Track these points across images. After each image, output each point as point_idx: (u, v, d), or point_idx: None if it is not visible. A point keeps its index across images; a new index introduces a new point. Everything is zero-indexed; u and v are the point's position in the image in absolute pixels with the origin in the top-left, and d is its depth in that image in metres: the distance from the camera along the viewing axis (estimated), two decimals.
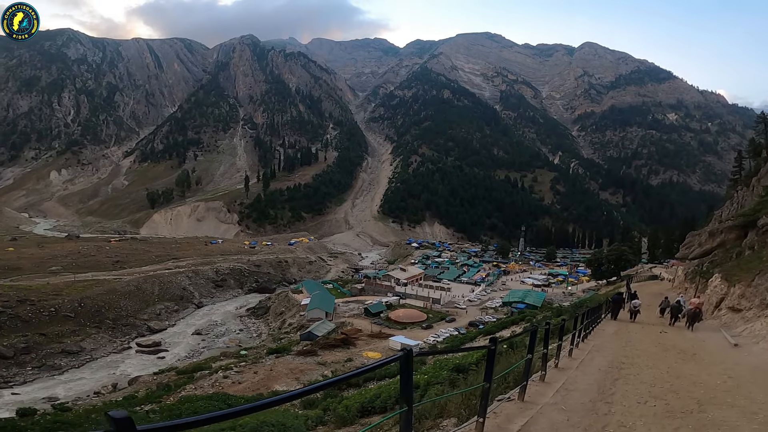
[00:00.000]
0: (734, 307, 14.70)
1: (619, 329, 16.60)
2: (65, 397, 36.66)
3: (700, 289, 21.55)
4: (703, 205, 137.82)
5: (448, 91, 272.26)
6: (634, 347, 12.10)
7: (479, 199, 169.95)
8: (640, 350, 11.63)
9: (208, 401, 23.40)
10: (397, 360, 2.91)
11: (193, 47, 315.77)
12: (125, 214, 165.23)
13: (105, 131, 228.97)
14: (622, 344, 12.68)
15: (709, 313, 17.49)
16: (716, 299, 17.49)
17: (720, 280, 17.67)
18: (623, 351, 11.38)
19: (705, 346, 12.03)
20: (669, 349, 11.65)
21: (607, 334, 15.37)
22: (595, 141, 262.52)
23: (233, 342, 55.62)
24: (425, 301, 64.91)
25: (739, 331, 12.88)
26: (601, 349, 11.73)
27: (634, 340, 13.65)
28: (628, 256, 69.47)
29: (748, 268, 16.04)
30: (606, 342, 13.23)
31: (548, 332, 7.86)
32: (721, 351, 11.31)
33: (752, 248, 19.21)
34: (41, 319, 50.85)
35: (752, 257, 17.73)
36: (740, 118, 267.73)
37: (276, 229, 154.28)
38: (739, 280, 15.24)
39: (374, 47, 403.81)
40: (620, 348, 11.96)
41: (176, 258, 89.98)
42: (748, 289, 13.66)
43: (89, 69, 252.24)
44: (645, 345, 12.62)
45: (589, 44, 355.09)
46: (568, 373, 8.47)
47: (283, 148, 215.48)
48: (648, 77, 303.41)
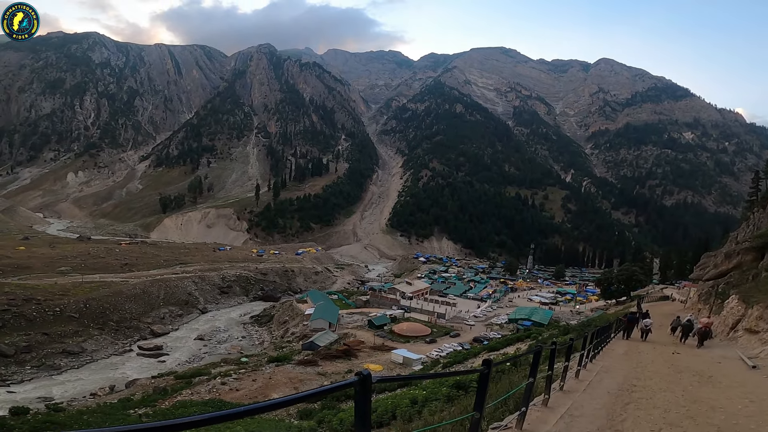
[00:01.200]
0: (751, 328, 14.21)
1: (630, 349, 16.03)
2: (61, 398, 36.51)
3: (715, 310, 20.88)
4: (718, 227, 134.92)
5: (460, 106, 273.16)
6: (646, 368, 11.59)
7: (489, 215, 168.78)
8: (652, 371, 11.08)
9: (203, 407, 23.00)
10: (351, 385, 2.31)
11: (212, 54, 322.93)
12: (137, 217, 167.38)
13: (123, 135, 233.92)
14: (633, 365, 12.18)
15: (724, 335, 17.04)
16: (732, 320, 17.01)
17: (737, 301, 17.16)
18: (634, 372, 10.88)
19: (721, 368, 11.45)
20: (683, 371, 11.10)
21: (617, 354, 14.83)
22: (609, 159, 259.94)
23: (235, 349, 55.22)
24: (430, 315, 63.95)
25: (757, 353, 12.33)
26: (610, 370, 11.23)
27: (646, 360, 13.12)
28: (639, 276, 67.95)
29: (766, 289, 15.56)
30: (616, 363, 12.70)
31: (554, 352, 7.33)
32: (739, 373, 10.75)
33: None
34: (45, 319, 50.94)
35: None
36: (758, 138, 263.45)
37: (284, 238, 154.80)
38: (757, 302, 14.71)
39: (388, 59, 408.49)
40: (631, 369, 11.43)
41: (184, 263, 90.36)
42: (766, 311, 13.20)
43: (112, 73, 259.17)
44: (657, 366, 12.10)
45: (605, 60, 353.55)
46: (575, 396, 7.96)
47: (294, 158, 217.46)
48: (665, 94, 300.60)
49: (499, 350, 31.57)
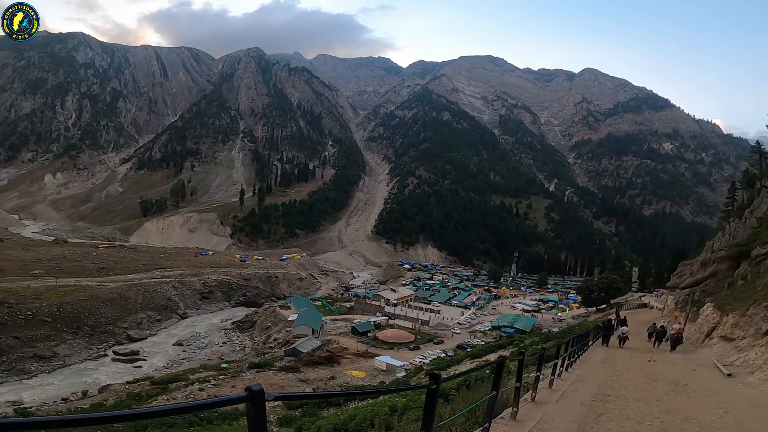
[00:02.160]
0: (727, 336, 14.27)
1: (607, 357, 15.99)
2: (30, 402, 35.76)
3: (691, 317, 21.11)
4: (695, 236, 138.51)
5: (447, 113, 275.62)
6: (621, 377, 11.46)
7: (474, 223, 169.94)
8: (628, 380, 10.95)
9: None
10: (241, 400, 1.93)
11: (200, 57, 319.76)
12: (117, 221, 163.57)
13: (104, 137, 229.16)
14: (609, 374, 12.04)
15: (699, 342, 17.12)
16: (708, 328, 17.13)
17: (712, 309, 17.31)
18: (609, 381, 10.68)
19: (696, 377, 11.35)
20: (658, 380, 10.99)
21: (594, 362, 14.77)
22: (591, 169, 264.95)
23: (215, 354, 54.32)
24: (414, 322, 63.88)
25: (732, 360, 12.33)
26: (585, 379, 11.05)
27: (622, 369, 13.07)
28: (618, 284, 69.13)
29: (741, 297, 15.65)
30: (592, 371, 12.59)
31: (522, 363, 6.90)
32: (714, 381, 10.61)
33: (745, 278, 18.84)
34: (17, 323, 49.68)
35: (745, 287, 17.34)
36: (734, 149, 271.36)
37: (269, 244, 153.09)
38: (732, 309, 14.81)
39: (378, 66, 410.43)
40: (606, 378, 11.27)
41: (164, 267, 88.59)
42: (742, 319, 13.20)
43: (96, 74, 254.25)
44: (633, 374, 12.00)
45: (590, 70, 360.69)
46: (546, 408, 7.66)
47: (280, 163, 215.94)
48: (645, 105, 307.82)
49: (482, 357, 31.60)
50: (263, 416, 2.04)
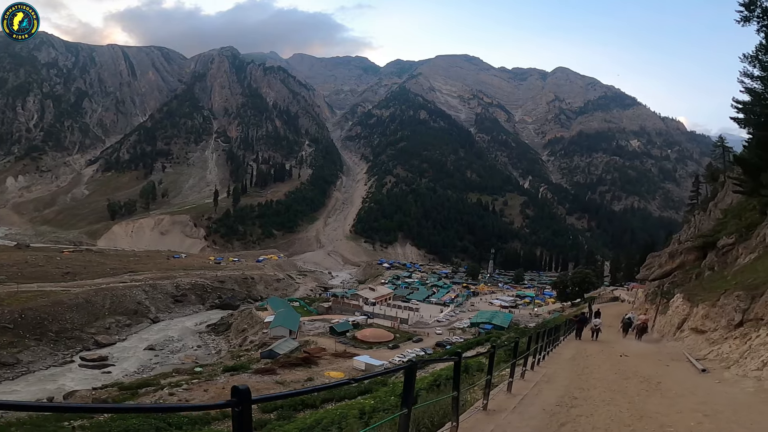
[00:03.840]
0: (697, 328, 13.93)
1: (578, 352, 15.50)
2: None
3: (661, 309, 21.26)
4: (662, 230, 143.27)
5: (425, 112, 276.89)
6: (591, 375, 10.84)
7: (451, 221, 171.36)
8: (598, 378, 10.30)
9: (144, 419, 21.54)
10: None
11: (171, 56, 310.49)
12: (83, 224, 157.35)
13: (69, 138, 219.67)
14: (578, 372, 11.38)
15: (671, 335, 16.87)
16: (678, 320, 16.81)
17: (682, 300, 17.12)
18: (578, 381, 9.95)
19: (670, 373, 10.77)
20: (630, 377, 10.32)
21: (564, 359, 14.22)
22: (564, 166, 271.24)
23: (189, 358, 52.94)
24: (393, 321, 63.71)
25: (705, 354, 11.95)
26: (552, 378, 10.23)
27: (592, 365, 12.54)
28: (591, 278, 70.88)
29: (711, 287, 15.45)
30: (560, 369, 11.85)
31: (458, 369, 5.58)
32: (689, 378, 9.98)
33: (712, 269, 19.33)
34: None
35: (715, 277, 17.45)
36: (698, 146, 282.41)
37: (245, 245, 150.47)
38: (702, 300, 14.58)
39: (355, 65, 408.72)
40: (575, 377, 10.56)
41: (133, 271, 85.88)
42: (712, 309, 12.89)
43: (59, 73, 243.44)
44: (603, 372, 11.38)
45: (561, 69, 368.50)
46: (499, 418, 6.59)
47: (256, 163, 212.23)
48: (614, 103, 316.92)
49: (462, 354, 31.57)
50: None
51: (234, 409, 2.01)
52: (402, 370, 4.25)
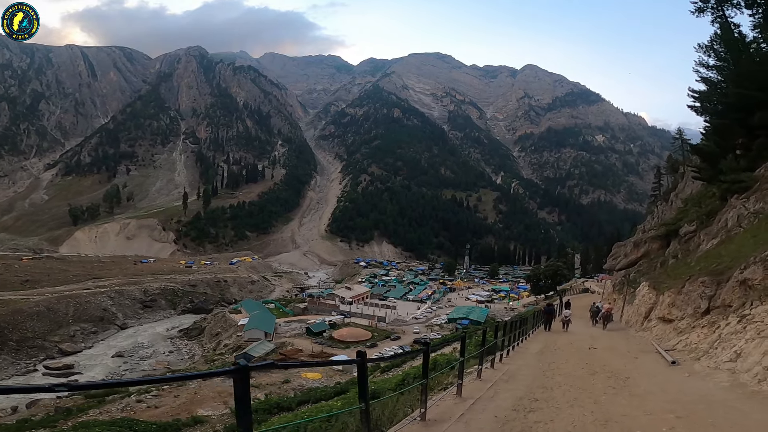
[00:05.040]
0: (664, 317, 13.58)
1: (546, 346, 14.94)
2: None
3: (629, 299, 21.49)
4: (627, 222, 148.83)
5: (398, 111, 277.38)
6: (557, 371, 10.15)
7: (427, 218, 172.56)
8: (563, 374, 9.65)
9: (110, 427, 20.60)
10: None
11: (134, 56, 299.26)
12: (43, 231, 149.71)
13: (25, 141, 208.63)
14: (543, 367, 10.66)
15: (639, 325, 16.77)
16: (645, 309, 16.50)
17: (648, 288, 16.89)
18: (542, 378, 9.20)
19: (639, 366, 10.29)
20: (597, 372, 9.70)
21: (531, 353, 13.52)
22: (534, 161, 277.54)
23: (161, 364, 51.29)
24: (370, 319, 63.42)
25: (673, 344, 11.58)
26: (513, 376, 9.38)
27: (559, 360, 11.94)
28: (563, 271, 72.23)
29: (675, 274, 15.26)
30: (525, 365, 11.07)
31: (362, 370, 4.43)
32: (659, 372, 9.44)
33: (676, 256, 19.94)
34: None
35: (679, 264, 17.69)
36: (659, 140, 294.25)
37: (217, 248, 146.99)
38: (668, 288, 14.32)
39: (328, 64, 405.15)
40: (540, 374, 9.81)
41: (98, 277, 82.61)
42: (678, 297, 12.73)
43: (13, 75, 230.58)
44: (570, 367, 10.74)
45: (530, 66, 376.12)
46: (439, 429, 5.70)
47: (227, 165, 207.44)
48: (580, 99, 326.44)
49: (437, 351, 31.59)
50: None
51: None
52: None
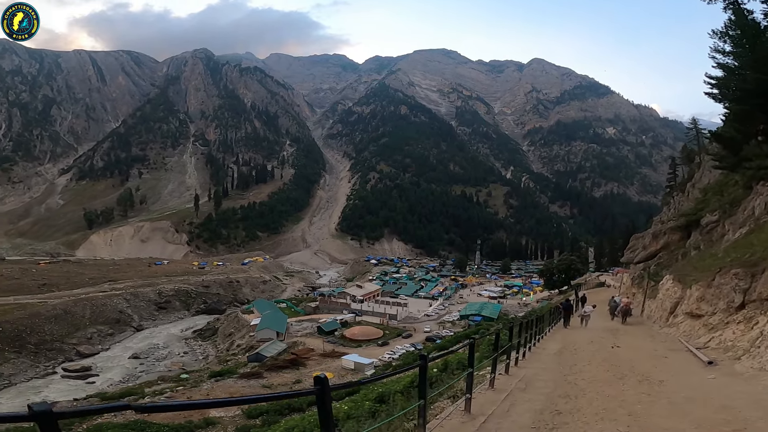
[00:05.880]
0: (693, 312, 12.71)
1: (565, 346, 13.85)
2: None
3: (650, 293, 20.64)
4: (642, 214, 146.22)
5: (405, 107, 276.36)
6: (580, 374, 9.15)
7: (437, 214, 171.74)
8: (588, 379, 8.63)
9: (123, 430, 20.62)
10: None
11: (141, 60, 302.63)
12: (59, 235, 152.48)
13: (39, 147, 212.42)
14: (563, 372, 9.53)
15: (663, 320, 15.95)
16: (670, 304, 15.52)
17: (672, 282, 15.98)
18: (564, 385, 8.21)
19: (670, 367, 9.30)
20: (626, 375, 8.68)
21: (549, 354, 12.27)
22: (544, 155, 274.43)
23: (176, 365, 51.76)
24: (382, 317, 63.17)
25: (704, 342, 10.78)
26: (531, 383, 8.30)
27: (582, 361, 10.82)
28: (577, 265, 71.40)
29: (703, 267, 14.39)
30: (543, 369, 9.90)
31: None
32: (695, 374, 8.42)
33: (698, 248, 19.22)
34: None
35: (704, 255, 16.89)
36: (671, 131, 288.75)
37: (229, 249, 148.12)
38: (695, 281, 13.32)
39: (333, 63, 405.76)
40: (561, 378, 8.79)
41: (113, 280, 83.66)
42: (708, 291, 11.83)
43: (24, 81, 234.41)
44: (594, 369, 9.70)
45: (537, 60, 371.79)
46: None
47: (236, 166, 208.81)
48: (589, 92, 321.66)
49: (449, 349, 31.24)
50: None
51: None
52: None
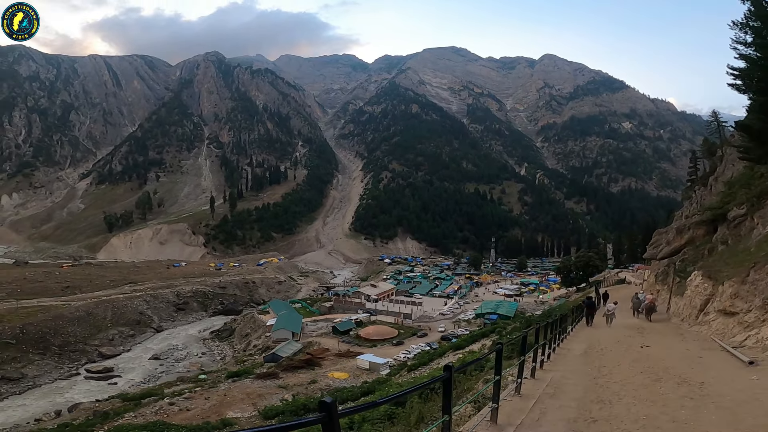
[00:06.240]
0: (725, 309, 12.14)
1: (591, 345, 13.21)
2: (2, 424, 34.98)
3: (676, 290, 19.92)
4: (662, 209, 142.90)
5: (416, 106, 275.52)
6: (611, 377, 8.56)
7: (450, 212, 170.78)
8: (621, 382, 8.04)
9: (142, 430, 20.86)
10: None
11: (155, 64, 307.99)
12: (81, 238, 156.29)
13: (59, 152, 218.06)
14: (593, 374, 8.99)
15: (693, 318, 15.33)
16: (701, 301, 14.91)
17: (702, 278, 15.36)
18: (595, 389, 7.67)
19: (708, 367, 8.66)
20: (662, 377, 8.12)
21: (574, 356, 11.62)
22: (558, 151, 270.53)
23: (194, 366, 52.62)
24: (396, 316, 63.08)
25: (740, 340, 10.20)
26: (560, 387, 7.81)
27: (610, 362, 10.14)
28: (595, 262, 70.16)
29: (735, 262, 13.84)
30: (570, 372, 9.29)
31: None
32: (737, 374, 7.91)
33: (725, 242, 18.54)
34: None
35: (734, 250, 16.30)
36: (690, 125, 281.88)
37: (245, 250, 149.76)
38: (728, 277, 12.74)
39: (343, 63, 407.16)
40: (590, 382, 8.25)
41: (133, 282, 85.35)
42: (742, 287, 11.25)
43: (42, 87, 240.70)
44: (625, 371, 9.12)
45: (549, 56, 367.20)
46: None
47: (250, 167, 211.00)
48: (603, 87, 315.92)
49: (465, 348, 30.93)
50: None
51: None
52: None
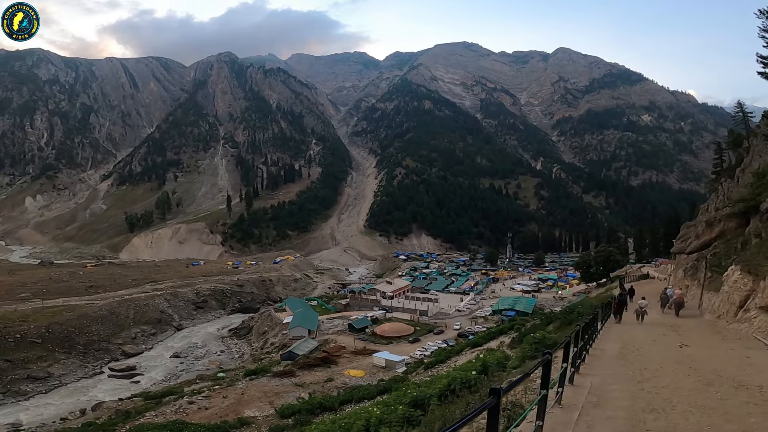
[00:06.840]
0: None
1: (625, 344, 12.33)
2: (29, 423, 35.58)
3: (709, 285, 19.01)
4: (684, 203, 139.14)
5: (429, 102, 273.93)
6: (657, 381, 7.74)
7: (465, 208, 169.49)
8: (670, 387, 7.29)
9: (162, 429, 21.12)
10: None
11: (170, 65, 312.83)
12: (104, 239, 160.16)
13: (81, 154, 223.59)
14: (635, 378, 8.11)
15: (731, 316, 14.54)
16: (739, 297, 14.03)
17: (740, 273, 14.46)
18: (643, 395, 6.90)
19: (761, 368, 8.14)
20: (713, 381, 7.46)
21: (609, 356, 10.81)
22: (575, 145, 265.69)
23: (213, 364, 53.40)
24: (412, 313, 62.83)
25: None
26: (602, 395, 7.02)
27: (652, 364, 9.30)
28: (616, 256, 68.53)
29: None
30: (609, 374, 8.48)
31: None
32: None
33: (759, 235, 17.71)
34: (6, 346, 49.12)
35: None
36: (711, 117, 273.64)
37: (261, 248, 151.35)
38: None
39: (354, 61, 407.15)
40: (636, 387, 7.41)
41: (154, 281, 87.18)
42: None
43: (62, 90, 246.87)
44: (670, 374, 8.32)
45: (563, 49, 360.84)
46: None
47: (265, 166, 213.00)
48: (620, 80, 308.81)
49: (483, 345, 30.47)
50: None
51: None
52: None
